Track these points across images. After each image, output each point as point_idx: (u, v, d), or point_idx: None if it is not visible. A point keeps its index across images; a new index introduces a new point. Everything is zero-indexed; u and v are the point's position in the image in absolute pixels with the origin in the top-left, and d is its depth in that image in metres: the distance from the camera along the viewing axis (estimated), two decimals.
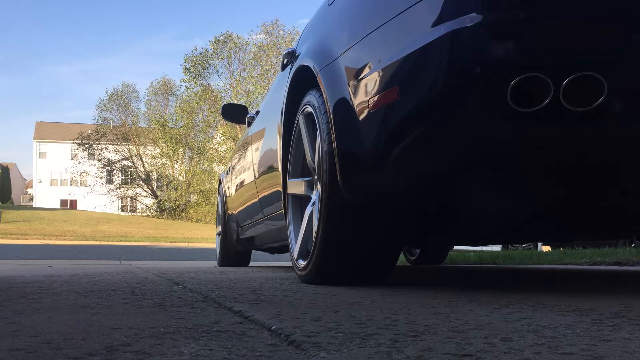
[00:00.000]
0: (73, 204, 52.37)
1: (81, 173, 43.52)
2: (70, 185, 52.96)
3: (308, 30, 2.53)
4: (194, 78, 34.85)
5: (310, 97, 2.19)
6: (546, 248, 11.04)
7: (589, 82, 1.31)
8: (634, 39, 1.34)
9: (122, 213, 44.03)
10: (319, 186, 2.08)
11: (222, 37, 34.31)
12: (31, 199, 59.72)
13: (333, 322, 1.25)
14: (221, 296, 1.85)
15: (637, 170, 1.55)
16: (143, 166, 43.33)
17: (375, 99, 1.68)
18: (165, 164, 41.61)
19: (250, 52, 34.28)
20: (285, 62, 2.76)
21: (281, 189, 2.62)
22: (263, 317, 1.34)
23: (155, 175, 43.04)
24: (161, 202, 41.36)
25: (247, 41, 34.44)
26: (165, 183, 41.89)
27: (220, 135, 35.49)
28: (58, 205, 49.48)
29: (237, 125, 31.70)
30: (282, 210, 2.62)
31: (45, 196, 52.81)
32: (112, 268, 4.20)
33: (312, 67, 2.16)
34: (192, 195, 39.41)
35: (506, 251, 8.96)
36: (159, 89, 44.66)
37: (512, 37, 1.37)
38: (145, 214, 43.04)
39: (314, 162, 2.20)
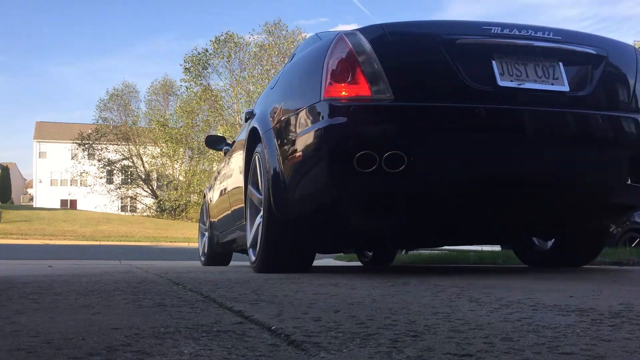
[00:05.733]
0: (73, 204, 52.32)
1: (81, 173, 43.40)
2: (70, 185, 52.89)
3: (260, 101, 3.62)
4: (193, 78, 34.80)
5: (259, 148, 3.17)
6: None
7: (397, 157, 2.37)
8: (422, 136, 2.48)
9: (122, 213, 43.95)
10: (263, 206, 3.00)
11: (222, 37, 34.27)
12: (31, 199, 59.68)
13: (333, 322, 1.25)
14: (221, 296, 1.85)
15: (426, 203, 2.63)
16: (143, 166, 43.27)
17: (290, 159, 2.73)
18: (166, 164, 41.58)
19: (251, 51, 34.22)
20: (247, 118, 3.74)
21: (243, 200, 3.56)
22: (263, 317, 1.34)
23: (156, 175, 42.98)
24: (161, 202, 41.32)
25: (247, 41, 34.38)
26: (165, 183, 41.84)
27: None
28: (58, 205, 49.42)
29: (237, 125, 31.72)
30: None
31: (45, 196, 52.77)
32: (112, 268, 4.20)
33: (259, 130, 3.16)
34: (192, 195, 39.35)
35: (506, 251, 8.95)
36: (160, 89, 44.63)
37: (357, 132, 2.47)
38: (145, 214, 42.98)
39: (261, 190, 3.08)
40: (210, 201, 5.15)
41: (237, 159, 3.84)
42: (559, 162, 2.57)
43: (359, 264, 6.15)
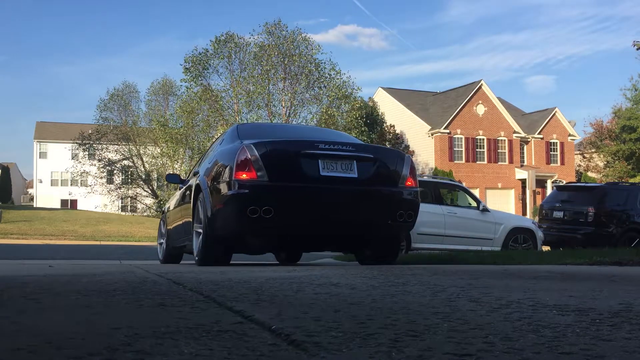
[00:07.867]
0: (73, 203, 52.30)
1: (81, 173, 43.36)
2: (71, 185, 52.86)
3: (202, 166, 5.63)
4: (193, 78, 34.74)
5: (201, 196, 5.13)
6: (546, 248, 11.05)
7: (269, 209, 4.50)
8: (281, 200, 4.60)
9: (123, 213, 43.91)
10: (202, 229, 4.96)
11: (223, 37, 34.22)
12: (31, 199, 59.65)
13: (333, 322, 1.26)
14: (222, 296, 1.85)
15: (284, 232, 4.93)
16: (143, 166, 43.23)
17: (216, 206, 4.77)
18: (166, 163, 41.53)
19: (251, 52, 34.14)
20: (194, 174, 5.95)
21: (191, 220, 5.68)
22: (263, 316, 1.34)
23: (156, 175, 42.95)
24: (161, 202, 41.31)
25: (248, 41, 34.30)
26: (165, 183, 41.81)
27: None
28: (58, 205, 49.37)
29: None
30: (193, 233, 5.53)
31: (46, 196, 52.74)
32: (112, 268, 4.20)
33: (201, 186, 5.15)
34: None
35: (506, 251, 8.96)
36: (160, 89, 44.58)
37: (249, 197, 4.53)
38: (145, 213, 42.93)
39: (202, 221, 5.03)
40: (168, 218, 7.52)
41: (187, 194, 6.08)
42: (353, 213, 4.84)
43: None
